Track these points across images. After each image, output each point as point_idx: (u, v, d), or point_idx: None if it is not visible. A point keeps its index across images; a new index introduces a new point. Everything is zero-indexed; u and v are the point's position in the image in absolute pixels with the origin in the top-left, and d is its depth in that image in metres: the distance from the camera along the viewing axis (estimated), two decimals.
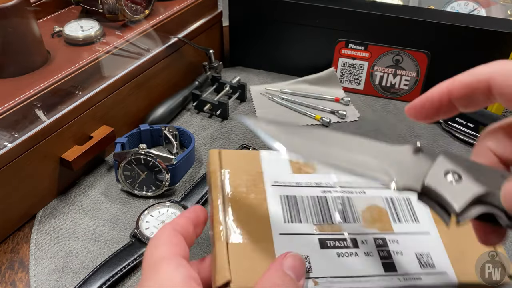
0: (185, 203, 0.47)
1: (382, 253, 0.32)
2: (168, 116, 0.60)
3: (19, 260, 0.43)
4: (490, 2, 0.77)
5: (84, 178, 0.52)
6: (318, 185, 0.35)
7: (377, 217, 0.34)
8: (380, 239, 0.33)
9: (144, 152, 0.47)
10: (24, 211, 0.47)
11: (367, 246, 0.32)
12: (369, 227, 0.33)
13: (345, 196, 0.35)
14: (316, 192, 0.35)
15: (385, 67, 0.66)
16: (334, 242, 0.32)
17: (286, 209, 0.33)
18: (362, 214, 0.34)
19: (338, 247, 0.31)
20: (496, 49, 0.60)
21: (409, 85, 0.66)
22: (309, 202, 0.34)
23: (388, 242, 0.33)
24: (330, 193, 0.35)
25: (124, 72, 0.54)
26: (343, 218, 0.34)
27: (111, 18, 0.58)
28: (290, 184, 0.35)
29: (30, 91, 0.46)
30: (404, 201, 0.36)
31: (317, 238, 0.32)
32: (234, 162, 0.35)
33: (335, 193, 0.35)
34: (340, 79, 0.68)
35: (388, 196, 0.36)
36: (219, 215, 0.31)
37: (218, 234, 0.30)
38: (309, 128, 0.28)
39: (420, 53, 0.63)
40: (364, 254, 0.31)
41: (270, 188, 0.34)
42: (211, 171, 0.34)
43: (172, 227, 0.29)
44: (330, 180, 0.36)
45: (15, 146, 0.43)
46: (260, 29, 0.70)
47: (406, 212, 0.35)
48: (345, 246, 0.32)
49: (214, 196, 0.32)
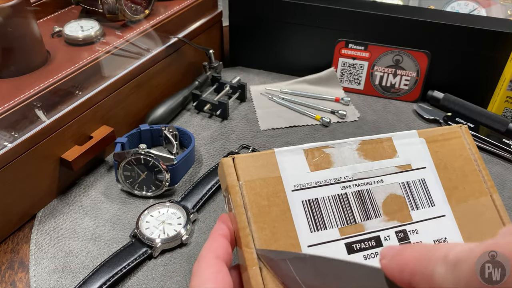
0: (185, 203, 0.47)
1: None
2: (168, 116, 0.60)
3: (19, 260, 0.43)
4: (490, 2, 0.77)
5: (84, 178, 0.52)
6: (337, 181, 0.36)
7: (397, 207, 0.35)
8: (401, 232, 0.34)
9: (144, 152, 0.47)
10: (24, 211, 0.47)
11: (390, 242, 0.33)
12: (390, 220, 0.35)
13: (364, 189, 0.36)
14: (336, 190, 0.35)
15: (385, 67, 0.66)
16: (359, 245, 0.33)
17: (310, 217, 0.34)
18: (383, 207, 0.35)
19: (364, 249, 0.33)
20: (496, 49, 0.60)
21: (409, 85, 0.66)
22: (331, 203, 0.35)
23: (408, 234, 0.34)
24: (350, 188, 0.36)
25: (124, 72, 0.54)
26: (365, 215, 0.35)
27: (111, 18, 0.58)
28: (310, 185, 0.35)
29: (30, 91, 0.46)
30: (420, 183, 0.37)
31: (343, 243, 0.33)
32: (251, 170, 0.34)
33: (355, 188, 0.36)
34: (340, 79, 0.68)
35: (404, 181, 0.37)
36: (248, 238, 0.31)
37: (249, 260, 0.30)
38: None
39: (420, 53, 0.63)
40: None
41: (291, 194, 0.34)
42: (230, 186, 0.33)
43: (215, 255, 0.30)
44: (348, 173, 0.36)
45: (15, 146, 0.43)
46: (260, 29, 0.70)
47: (422, 196, 0.37)
48: (370, 247, 0.33)
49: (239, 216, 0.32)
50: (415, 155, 0.39)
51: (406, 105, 0.66)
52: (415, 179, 0.38)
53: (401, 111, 0.65)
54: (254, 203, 0.33)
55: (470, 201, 0.37)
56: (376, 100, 0.67)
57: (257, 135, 0.59)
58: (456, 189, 0.37)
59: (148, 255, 0.42)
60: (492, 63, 0.61)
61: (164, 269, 0.42)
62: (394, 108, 0.65)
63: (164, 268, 0.42)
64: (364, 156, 0.38)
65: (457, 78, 0.64)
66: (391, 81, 0.66)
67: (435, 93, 0.65)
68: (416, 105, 0.64)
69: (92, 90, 0.50)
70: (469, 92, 0.64)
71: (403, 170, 0.38)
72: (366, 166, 0.37)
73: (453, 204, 0.36)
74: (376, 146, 0.39)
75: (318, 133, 0.60)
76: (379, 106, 0.66)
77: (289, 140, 0.58)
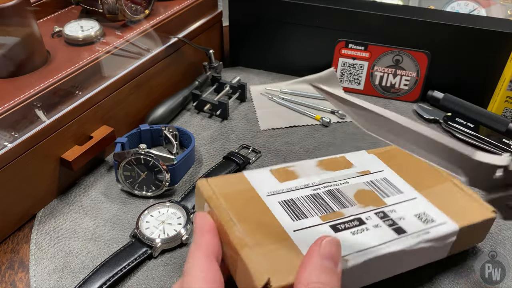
0: (185, 203, 0.48)
1: (387, 221, 0.36)
2: (168, 116, 0.60)
3: (19, 260, 0.43)
4: (490, 2, 0.77)
5: (84, 178, 0.52)
6: (307, 186, 0.39)
7: (368, 197, 0.39)
8: (380, 212, 0.37)
9: (144, 152, 0.47)
10: (24, 211, 0.47)
11: (373, 221, 0.36)
12: (366, 206, 0.37)
13: (333, 189, 0.39)
14: (307, 192, 0.38)
15: (385, 67, 0.66)
16: (344, 225, 0.35)
17: (289, 211, 0.36)
18: (355, 198, 0.38)
19: (349, 228, 0.35)
20: (496, 49, 0.60)
21: (409, 85, 0.66)
22: (306, 200, 0.37)
23: (388, 213, 0.37)
24: (319, 189, 0.39)
25: (124, 72, 0.54)
26: (341, 205, 0.37)
27: (111, 18, 0.58)
28: (282, 191, 0.38)
29: (30, 91, 0.46)
30: (383, 180, 0.41)
31: (328, 226, 0.35)
32: (225, 186, 0.38)
33: (324, 189, 0.39)
34: (340, 79, 0.69)
35: (368, 180, 0.41)
36: (234, 229, 0.33)
37: (239, 245, 0.31)
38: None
39: (420, 53, 0.63)
40: (373, 227, 0.35)
41: (266, 198, 0.37)
42: (207, 198, 0.36)
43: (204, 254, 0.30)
44: (315, 180, 0.40)
45: (15, 146, 0.43)
46: (260, 29, 0.70)
47: (388, 188, 0.40)
48: (354, 226, 0.35)
49: (222, 216, 0.34)
50: (370, 164, 0.43)
51: (406, 105, 0.66)
52: (378, 178, 0.41)
53: (401, 111, 0.65)
54: (233, 207, 0.35)
55: (435, 187, 0.41)
56: (376, 100, 0.67)
57: (257, 135, 0.59)
58: (418, 181, 0.41)
59: (148, 255, 0.42)
60: (492, 63, 0.61)
61: (164, 269, 0.42)
62: (394, 108, 0.65)
63: (164, 268, 0.42)
64: (325, 168, 0.42)
65: (457, 78, 0.64)
66: (391, 81, 0.66)
67: (435, 93, 0.65)
68: (416, 105, 0.64)
69: (92, 90, 0.51)
70: (469, 92, 0.64)
71: (363, 174, 0.42)
72: (329, 175, 0.41)
73: (421, 190, 0.40)
74: (332, 161, 0.43)
75: (318, 133, 0.60)
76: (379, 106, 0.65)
77: (289, 140, 0.58)
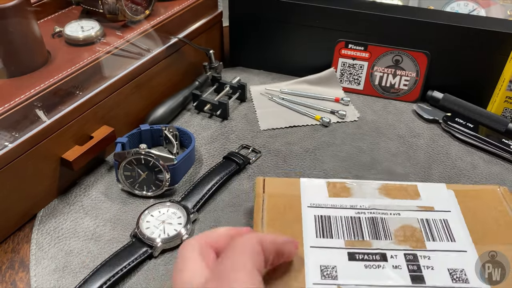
0: (185, 203, 0.48)
1: (411, 266, 0.33)
2: (169, 116, 0.60)
3: (20, 260, 0.43)
4: (490, 2, 0.77)
5: (84, 178, 0.52)
6: (353, 207, 0.38)
7: (410, 235, 0.36)
8: (411, 255, 0.34)
9: (145, 152, 0.48)
10: (24, 211, 0.47)
11: (396, 260, 0.33)
12: (401, 244, 0.35)
13: (378, 217, 0.37)
14: (350, 213, 0.37)
15: (385, 67, 0.66)
16: (362, 256, 0.34)
17: (319, 227, 0.36)
18: (395, 232, 0.36)
19: (366, 260, 0.33)
20: (496, 49, 0.60)
21: (408, 85, 0.66)
22: (342, 221, 0.36)
23: (419, 258, 0.34)
24: (364, 214, 0.37)
25: (124, 72, 0.54)
26: (374, 235, 0.35)
27: (112, 19, 0.58)
28: (325, 206, 0.38)
29: (31, 91, 0.46)
30: (441, 222, 0.37)
31: (347, 252, 0.34)
32: (276, 187, 0.39)
33: (369, 214, 0.37)
34: (340, 79, 0.69)
35: (424, 218, 0.37)
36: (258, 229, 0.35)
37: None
38: None
39: (420, 53, 0.63)
40: (392, 267, 0.33)
41: (305, 208, 0.37)
42: (256, 194, 0.39)
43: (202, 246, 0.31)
44: (366, 203, 0.38)
45: (15, 146, 0.43)
46: (260, 29, 0.70)
47: (441, 231, 0.36)
48: (373, 260, 0.33)
49: (256, 216, 0.36)
50: (440, 201, 0.39)
51: (405, 105, 0.66)
52: (437, 218, 0.37)
53: (401, 111, 0.65)
54: (271, 210, 0.37)
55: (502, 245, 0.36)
56: (375, 100, 0.67)
57: (257, 135, 0.59)
58: (486, 233, 0.36)
59: (148, 255, 0.43)
60: (491, 63, 0.61)
61: (164, 268, 0.42)
62: (393, 108, 0.65)
63: (165, 267, 0.42)
64: (385, 193, 0.40)
65: (457, 78, 0.64)
66: (391, 81, 0.66)
67: (435, 93, 0.65)
68: (416, 105, 0.65)
69: (92, 90, 0.51)
70: (468, 92, 0.64)
71: (424, 209, 0.38)
72: (385, 201, 0.39)
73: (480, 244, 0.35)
74: (399, 188, 0.40)
75: (318, 133, 0.60)
76: (379, 106, 0.66)
77: (289, 140, 0.59)
